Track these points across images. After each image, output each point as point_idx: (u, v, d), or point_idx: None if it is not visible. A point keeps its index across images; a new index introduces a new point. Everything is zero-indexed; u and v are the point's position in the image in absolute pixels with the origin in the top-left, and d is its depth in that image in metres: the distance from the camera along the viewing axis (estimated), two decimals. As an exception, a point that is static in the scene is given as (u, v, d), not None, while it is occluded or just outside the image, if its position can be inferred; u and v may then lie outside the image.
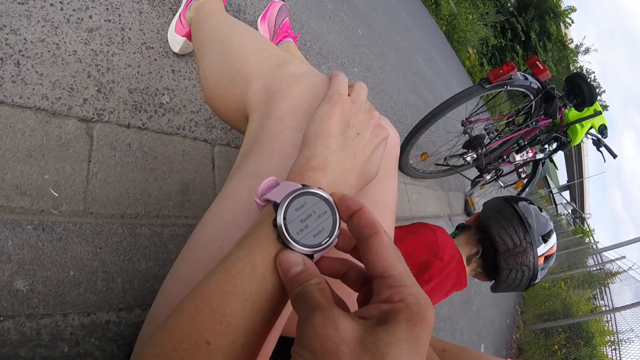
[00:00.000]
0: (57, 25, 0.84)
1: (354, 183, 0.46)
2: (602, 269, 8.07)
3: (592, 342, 5.86)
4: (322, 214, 0.37)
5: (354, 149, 0.46)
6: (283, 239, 0.36)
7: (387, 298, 0.31)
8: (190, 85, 1.10)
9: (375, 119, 0.52)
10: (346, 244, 0.39)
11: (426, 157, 2.59)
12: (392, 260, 0.33)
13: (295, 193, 0.37)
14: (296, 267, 0.34)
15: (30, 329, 0.63)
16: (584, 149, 15.00)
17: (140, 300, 0.78)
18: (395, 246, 0.35)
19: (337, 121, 0.46)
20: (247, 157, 0.55)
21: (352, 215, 0.36)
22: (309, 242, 0.36)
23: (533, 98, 2.23)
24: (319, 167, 0.42)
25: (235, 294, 0.35)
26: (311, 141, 0.45)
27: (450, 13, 8.21)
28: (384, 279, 0.32)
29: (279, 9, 1.40)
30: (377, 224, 0.35)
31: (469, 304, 3.21)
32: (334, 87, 0.50)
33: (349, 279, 0.38)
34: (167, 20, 1.11)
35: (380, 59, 3.07)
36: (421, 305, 0.30)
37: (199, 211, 0.98)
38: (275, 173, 0.50)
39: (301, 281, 0.33)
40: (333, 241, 0.37)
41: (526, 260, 1.15)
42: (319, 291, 0.32)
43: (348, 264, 0.39)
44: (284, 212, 0.36)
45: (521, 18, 13.13)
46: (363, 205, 0.37)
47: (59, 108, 0.79)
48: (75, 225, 0.74)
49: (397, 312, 0.29)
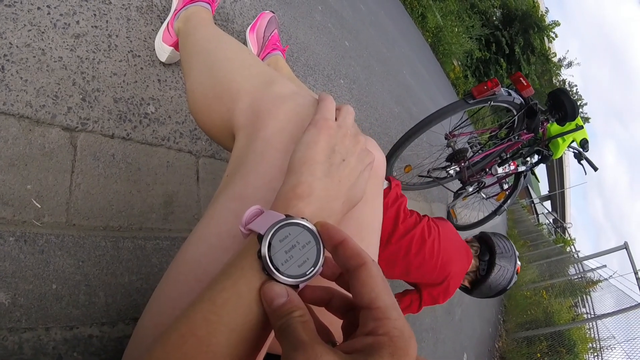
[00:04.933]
0: (44, 30, 0.83)
1: (339, 209, 0.47)
2: (584, 278, 8.18)
3: (574, 350, 5.92)
4: (306, 244, 0.37)
5: (339, 176, 0.47)
6: (268, 270, 0.36)
7: (372, 330, 0.31)
8: (176, 95, 1.10)
9: (360, 144, 0.52)
10: (331, 273, 0.39)
11: (410, 170, 2.61)
12: (379, 292, 0.33)
13: (279, 224, 0.37)
14: (280, 299, 0.35)
15: (12, 343, 0.62)
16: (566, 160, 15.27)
17: (123, 315, 0.77)
18: (384, 276, 0.35)
19: (323, 147, 0.46)
20: (233, 178, 0.55)
21: (337, 247, 0.36)
22: (293, 272, 0.36)
23: (516, 113, 2.27)
24: (304, 194, 0.42)
25: (220, 324, 0.35)
26: (297, 167, 0.45)
27: (437, 25, 8.31)
28: (370, 311, 0.32)
29: (268, 21, 1.41)
30: (363, 255, 0.35)
31: (451, 315, 3.23)
32: (321, 112, 0.51)
33: (333, 307, 0.39)
34: (154, 28, 1.11)
35: (366, 71, 3.09)
36: (405, 338, 0.30)
37: (182, 224, 0.97)
38: (261, 196, 0.50)
39: (284, 313, 0.34)
40: (318, 270, 0.37)
41: (510, 263, 1.51)
42: (302, 324, 0.32)
43: (331, 293, 0.39)
44: (268, 244, 0.36)
45: (506, 32, 13.36)
46: (346, 236, 0.37)
47: (43, 116, 0.78)
48: (57, 238, 0.73)
49: (381, 347, 0.30)
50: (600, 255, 8.47)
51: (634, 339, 5.55)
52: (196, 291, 0.39)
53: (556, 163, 16.65)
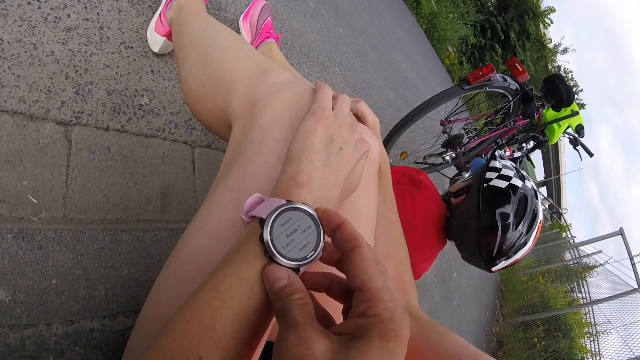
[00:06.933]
0: (35, 24, 0.82)
1: (337, 198, 0.47)
2: (580, 263, 8.26)
3: (570, 334, 6.00)
4: (306, 228, 0.38)
5: (337, 165, 0.47)
6: (270, 253, 0.36)
7: (363, 312, 0.32)
8: (169, 85, 1.09)
9: (357, 133, 0.53)
10: (330, 258, 0.40)
11: (406, 156, 2.61)
12: (372, 274, 0.33)
13: (281, 209, 0.38)
14: (281, 281, 0.35)
15: (14, 340, 0.62)
16: (561, 145, 15.29)
17: (123, 307, 0.77)
18: (378, 260, 0.35)
19: (321, 137, 0.47)
20: (230, 168, 0.55)
21: (335, 230, 0.37)
22: (294, 255, 0.37)
23: (511, 99, 2.27)
24: (304, 183, 0.43)
25: (225, 309, 0.36)
26: (296, 157, 0.46)
27: (431, 12, 8.25)
28: (362, 292, 0.33)
29: (261, 9, 1.39)
30: (359, 238, 0.36)
31: (448, 299, 3.26)
32: (318, 102, 0.51)
33: (333, 292, 0.39)
34: (146, 19, 1.09)
35: (360, 58, 3.07)
36: (396, 320, 0.31)
37: (180, 215, 0.97)
38: (260, 185, 0.51)
39: (285, 295, 0.34)
40: (318, 254, 0.38)
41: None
42: (300, 307, 0.33)
43: (330, 278, 0.39)
44: (270, 228, 0.37)
45: (501, 18, 13.27)
46: (344, 219, 0.38)
47: (37, 111, 0.77)
48: (55, 233, 0.73)
49: (371, 328, 0.30)
50: (596, 241, 8.52)
51: (629, 323, 5.63)
52: (198, 281, 0.39)
53: (552, 149, 16.68)
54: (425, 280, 2.69)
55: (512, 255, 1.14)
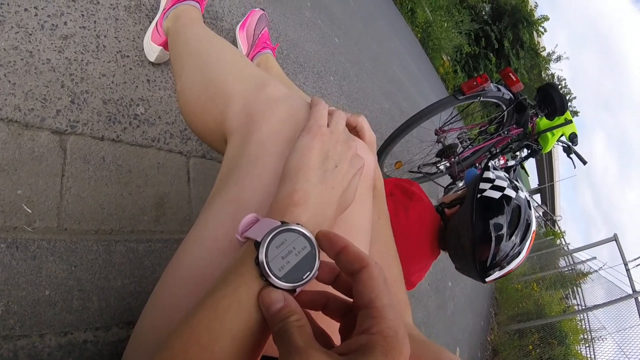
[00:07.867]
0: (31, 32, 0.82)
1: (332, 215, 0.48)
2: (574, 270, 8.28)
3: (565, 341, 6.00)
4: (302, 249, 0.38)
5: (333, 182, 0.48)
6: (265, 276, 0.37)
7: (367, 329, 0.32)
8: (165, 95, 1.09)
9: (352, 149, 0.53)
10: (327, 277, 0.40)
11: (400, 166, 2.62)
12: (379, 292, 0.34)
13: (275, 231, 0.38)
14: (277, 304, 0.35)
15: (7, 351, 0.62)
16: (555, 153, 15.36)
17: (117, 319, 0.77)
18: (386, 278, 0.36)
19: (317, 154, 0.48)
20: (227, 182, 0.55)
21: (339, 253, 0.37)
22: (290, 277, 0.37)
23: (505, 108, 2.29)
24: (300, 201, 0.43)
25: (223, 331, 0.36)
26: (292, 174, 0.46)
27: (426, 20, 8.31)
28: (368, 310, 0.33)
29: (258, 19, 1.40)
30: (365, 257, 0.36)
31: (443, 308, 3.26)
32: (314, 118, 0.52)
33: (330, 310, 0.39)
34: (143, 27, 1.10)
35: (356, 67, 3.09)
36: (398, 339, 0.31)
37: (174, 225, 0.96)
38: (257, 200, 0.51)
39: (282, 318, 0.34)
40: (314, 274, 0.38)
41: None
42: (298, 329, 0.33)
43: (327, 296, 0.40)
44: (265, 250, 0.37)
45: (495, 26, 13.36)
46: (347, 242, 0.38)
47: (32, 120, 0.77)
48: (49, 243, 0.72)
49: (374, 346, 0.30)
50: (590, 247, 8.54)
51: (624, 329, 5.64)
52: (195, 294, 0.39)
53: (545, 157, 16.76)
54: (419, 289, 2.69)
55: (506, 265, 1.14)
